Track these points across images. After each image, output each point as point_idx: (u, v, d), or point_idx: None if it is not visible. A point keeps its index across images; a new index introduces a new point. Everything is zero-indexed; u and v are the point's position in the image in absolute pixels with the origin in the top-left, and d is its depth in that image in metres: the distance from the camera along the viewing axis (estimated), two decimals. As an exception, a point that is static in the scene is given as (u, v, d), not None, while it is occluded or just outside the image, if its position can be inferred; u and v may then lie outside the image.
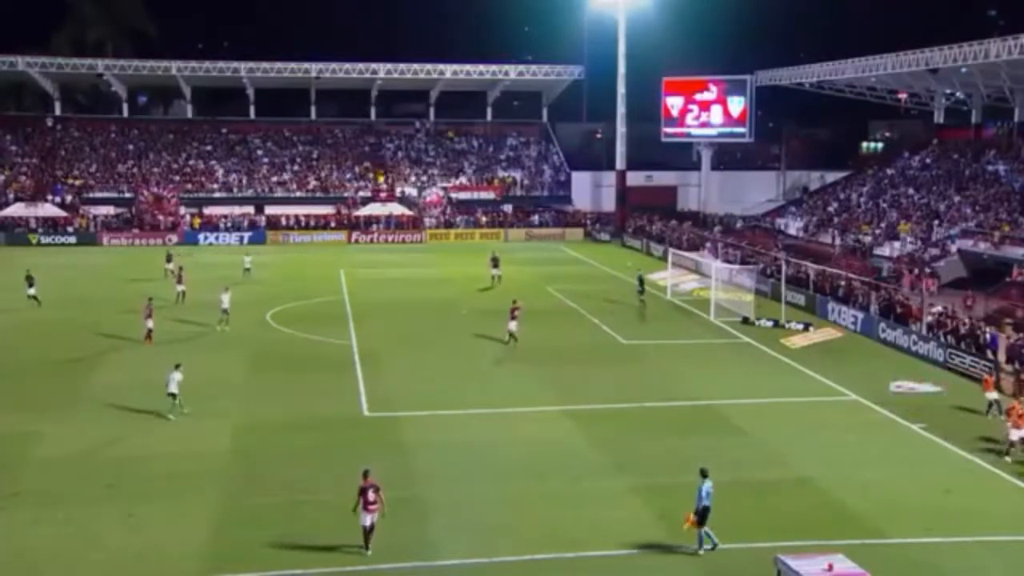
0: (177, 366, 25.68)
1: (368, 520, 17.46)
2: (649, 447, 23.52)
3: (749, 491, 20.47)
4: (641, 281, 43.74)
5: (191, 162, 74.74)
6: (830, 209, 63.34)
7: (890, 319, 36.72)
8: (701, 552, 17.43)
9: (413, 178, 76.12)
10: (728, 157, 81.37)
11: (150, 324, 34.00)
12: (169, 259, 49.89)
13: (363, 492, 17.45)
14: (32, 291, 41.02)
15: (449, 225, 71.27)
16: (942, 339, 33.55)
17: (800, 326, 38.49)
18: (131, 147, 75.25)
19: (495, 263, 45.60)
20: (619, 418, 25.98)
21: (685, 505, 18.46)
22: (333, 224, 69.54)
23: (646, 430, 24.94)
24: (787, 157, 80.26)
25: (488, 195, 75.10)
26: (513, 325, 34.04)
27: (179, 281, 42.25)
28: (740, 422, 25.67)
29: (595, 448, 23.38)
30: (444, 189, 74.45)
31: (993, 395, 26.28)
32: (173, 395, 25.18)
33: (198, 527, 18.55)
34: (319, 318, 39.03)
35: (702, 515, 17.31)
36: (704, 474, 17.62)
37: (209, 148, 76.35)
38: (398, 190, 73.64)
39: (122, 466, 21.75)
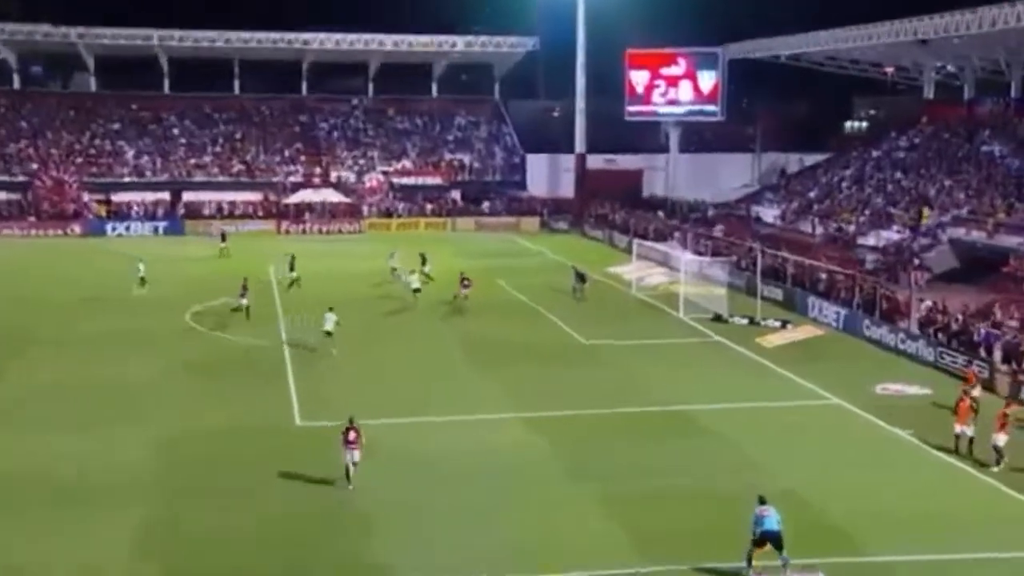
0: (331, 308, 32.24)
1: (349, 457, 21.38)
2: (613, 456, 23.75)
3: (721, 503, 20.62)
4: (581, 277, 43.49)
5: (96, 142, 73.24)
6: (810, 195, 63.90)
7: (875, 315, 37.12)
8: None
9: (350, 161, 75.57)
10: (698, 138, 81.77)
11: (244, 301, 37.18)
12: (223, 238, 54.80)
13: (345, 433, 21.46)
14: None
15: (390, 214, 70.81)
16: (932, 336, 33.95)
17: (777, 323, 38.80)
18: (24, 124, 73.48)
19: (423, 261, 45.40)
20: (581, 425, 26.14)
21: (651, 517, 18.52)
22: (261, 213, 68.84)
23: (609, 437, 25.13)
24: (762, 138, 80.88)
25: (434, 180, 74.86)
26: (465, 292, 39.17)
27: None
28: (712, 428, 25.87)
29: (556, 456, 23.58)
30: (385, 173, 74.04)
31: (968, 430, 23.90)
32: (329, 333, 31.72)
33: (117, 545, 18.45)
34: (245, 317, 38.58)
35: (755, 541, 17.33)
36: (761, 500, 17.74)
37: (117, 126, 74.87)
38: (333, 175, 73.07)
39: (27, 482, 21.54)
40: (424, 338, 35.52)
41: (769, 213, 64.12)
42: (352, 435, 21.51)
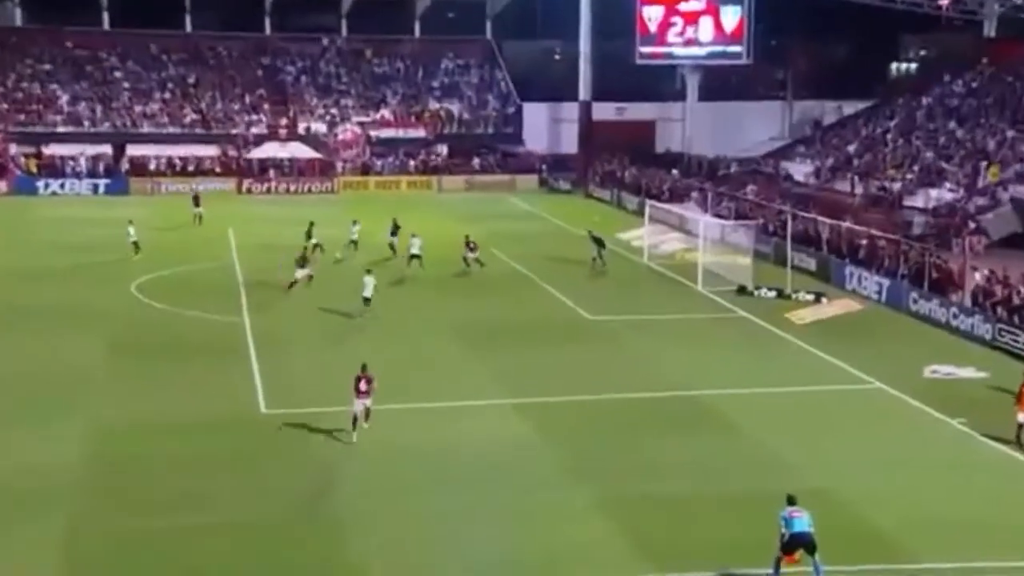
0: (368, 271, 33.68)
1: (359, 406, 23.47)
2: (620, 449, 23.64)
3: (745, 505, 20.49)
4: (598, 241, 43.46)
5: (24, 85, 72.58)
6: (849, 149, 63.65)
7: (924, 287, 36.95)
8: None
9: (321, 111, 75.26)
10: (720, 84, 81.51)
11: (300, 274, 37.44)
12: (196, 202, 53.07)
13: (356, 381, 23.48)
14: None
15: (368, 171, 70.55)
16: (989, 311, 33.75)
17: (810, 296, 38.78)
18: (-63, 64, 72.73)
19: (395, 230, 44.88)
20: (582, 413, 26.14)
21: (659, 522, 18.33)
22: (218, 169, 68.69)
23: (616, 427, 25.06)
24: (794, 83, 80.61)
25: (417, 133, 74.67)
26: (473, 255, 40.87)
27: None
28: (734, 418, 25.83)
29: (552, 450, 23.60)
30: (361, 125, 73.75)
31: None
32: (367, 299, 33.14)
33: (42, 562, 18.16)
34: (201, 290, 38.79)
35: (784, 546, 17.17)
36: (790, 500, 17.57)
37: (48, 67, 74.09)
38: (301, 126, 72.85)
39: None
40: (407, 314, 35.39)
41: (801, 170, 64.05)
42: (363, 384, 23.50)
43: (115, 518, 19.96)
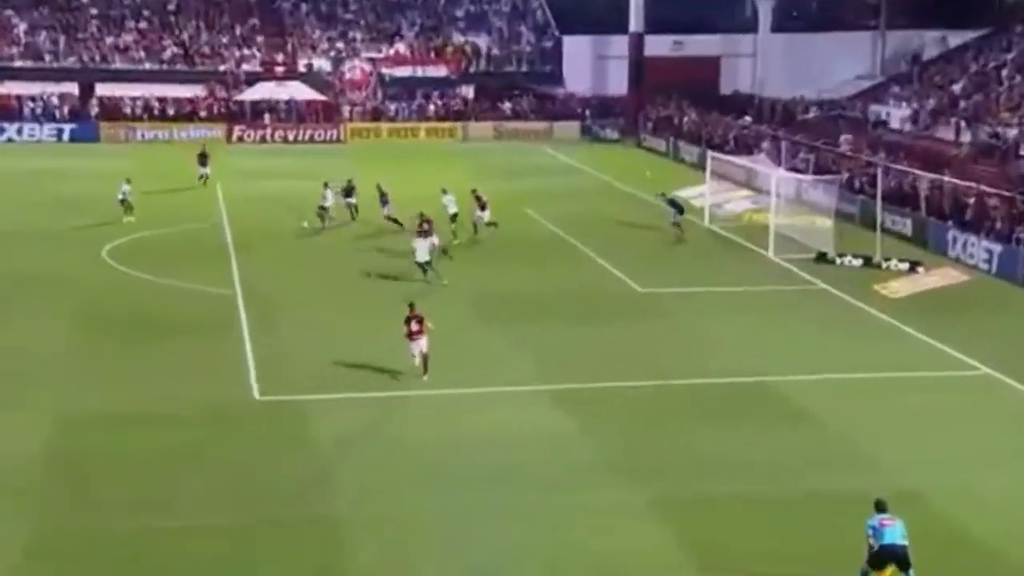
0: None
1: (416, 349, 26.22)
2: (673, 444, 23.62)
3: (824, 508, 20.48)
4: (673, 203, 43.47)
5: (-27, 13, 73.15)
6: (954, 88, 62.99)
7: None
8: None
9: (324, 45, 75.38)
10: (799, 12, 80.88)
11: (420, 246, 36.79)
12: (203, 161, 51.46)
13: (407, 322, 26.17)
14: None
15: (379, 116, 70.57)
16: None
17: (904, 265, 38.68)
18: None
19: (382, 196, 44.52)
20: (629, 401, 26.14)
21: (720, 526, 18.24)
22: (204, 113, 69.12)
23: (668, 418, 25.10)
24: (888, 10, 79.51)
25: (438, 72, 74.89)
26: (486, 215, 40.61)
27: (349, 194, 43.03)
28: (810, 407, 25.84)
29: (594, 444, 23.58)
30: (372, 62, 73.87)
31: None
32: (428, 263, 34.59)
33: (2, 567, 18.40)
34: (184, 255, 39.05)
35: (873, 560, 17.09)
36: (879, 506, 17.48)
37: (2, -10, 74.64)
38: (302, 63, 73.05)
39: None
40: (425, 285, 35.34)
41: (895, 114, 63.55)
42: (415, 325, 26.22)
43: (82, 520, 20.04)
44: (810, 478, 21.91)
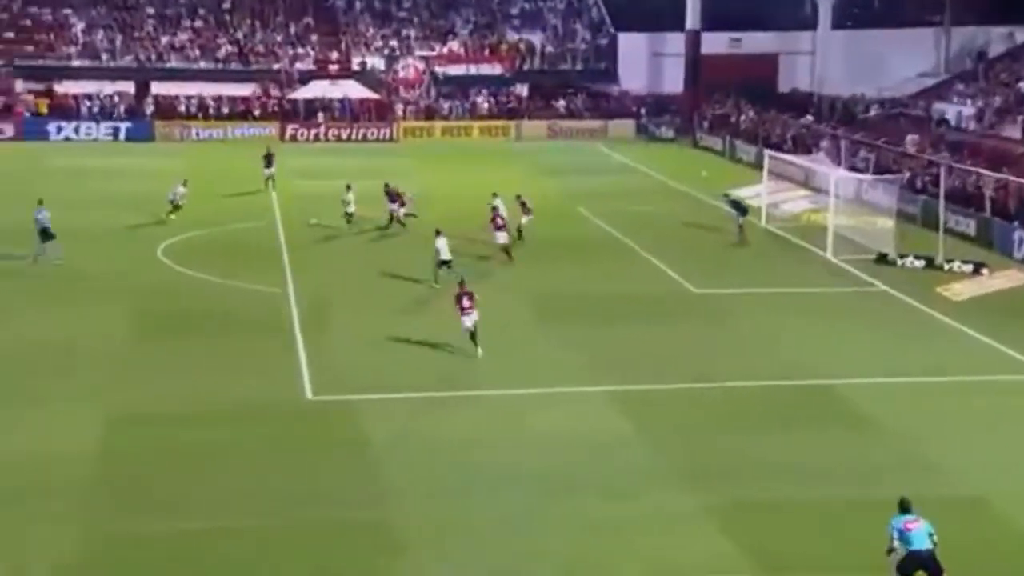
0: (438, 232, 34.54)
1: (468, 322, 28.04)
2: (730, 447, 23.56)
3: (886, 513, 19.59)
4: (737, 205, 43.18)
5: (32, 10, 73.94)
6: (1021, 86, 62.39)
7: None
8: None
9: (379, 43, 75.66)
10: (860, 8, 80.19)
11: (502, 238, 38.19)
12: (269, 161, 50.40)
13: (459, 299, 28.09)
14: None
15: (433, 115, 70.68)
16: None
17: (968, 267, 38.34)
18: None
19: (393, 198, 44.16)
20: (686, 403, 26.16)
21: (781, 531, 18.24)
22: (258, 112, 69.42)
23: (725, 421, 25.08)
24: (953, 6, 78.58)
25: (491, 70, 75.01)
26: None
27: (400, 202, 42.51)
28: (871, 411, 25.71)
29: (650, 447, 23.61)
30: (425, 60, 74.10)
31: None
32: (447, 263, 34.20)
33: (52, 565, 18.41)
34: (237, 254, 39.30)
35: (901, 568, 16.96)
36: (903, 507, 17.34)
37: (61, -11, 75.39)
38: (356, 61, 73.28)
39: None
40: (478, 285, 35.18)
41: (959, 112, 63.09)
42: (467, 301, 28.04)
43: (131, 518, 20.16)
44: (871, 483, 21.71)
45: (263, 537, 19.40)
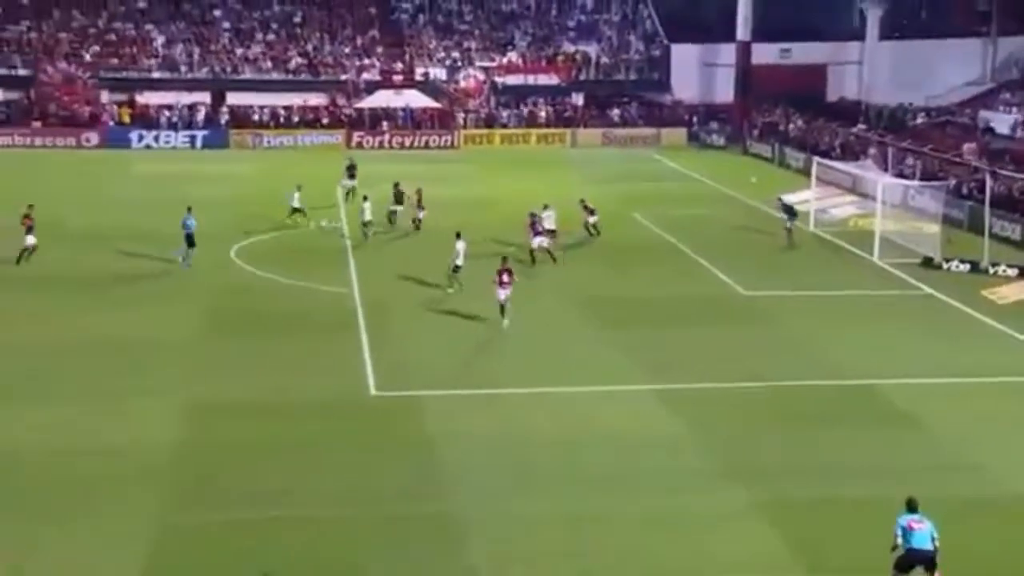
0: (458, 235, 34.22)
1: (503, 295, 30.38)
2: (779, 446, 23.50)
3: (931, 512, 19.55)
4: (789, 209, 42.96)
5: (116, 25, 74.66)
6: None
7: None
8: None
9: (441, 54, 75.75)
10: (907, 19, 79.35)
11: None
12: (352, 173, 50.03)
13: (500, 273, 30.45)
14: None
15: (492, 123, 70.80)
16: None
17: (1013, 271, 38.03)
18: (24, 0, 75.01)
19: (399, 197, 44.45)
20: (736, 403, 26.07)
21: (828, 529, 18.13)
22: (326, 120, 69.71)
23: (773, 421, 24.99)
24: (1000, 15, 77.54)
25: (549, 80, 74.81)
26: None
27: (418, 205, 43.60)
28: (916, 411, 25.61)
29: (702, 446, 23.58)
30: (485, 71, 74.17)
31: None
32: (458, 268, 34.18)
33: (122, 556, 18.51)
34: (306, 256, 39.55)
35: (899, 563, 17.01)
36: (910, 506, 17.35)
37: (143, 6, 76.13)
38: (419, 72, 73.42)
39: (23, 468, 21.93)
40: (534, 288, 35.37)
41: (1006, 121, 62.55)
42: (506, 276, 30.36)
43: (204, 508, 20.42)
44: (917, 482, 21.16)
45: (326, 528, 19.55)
